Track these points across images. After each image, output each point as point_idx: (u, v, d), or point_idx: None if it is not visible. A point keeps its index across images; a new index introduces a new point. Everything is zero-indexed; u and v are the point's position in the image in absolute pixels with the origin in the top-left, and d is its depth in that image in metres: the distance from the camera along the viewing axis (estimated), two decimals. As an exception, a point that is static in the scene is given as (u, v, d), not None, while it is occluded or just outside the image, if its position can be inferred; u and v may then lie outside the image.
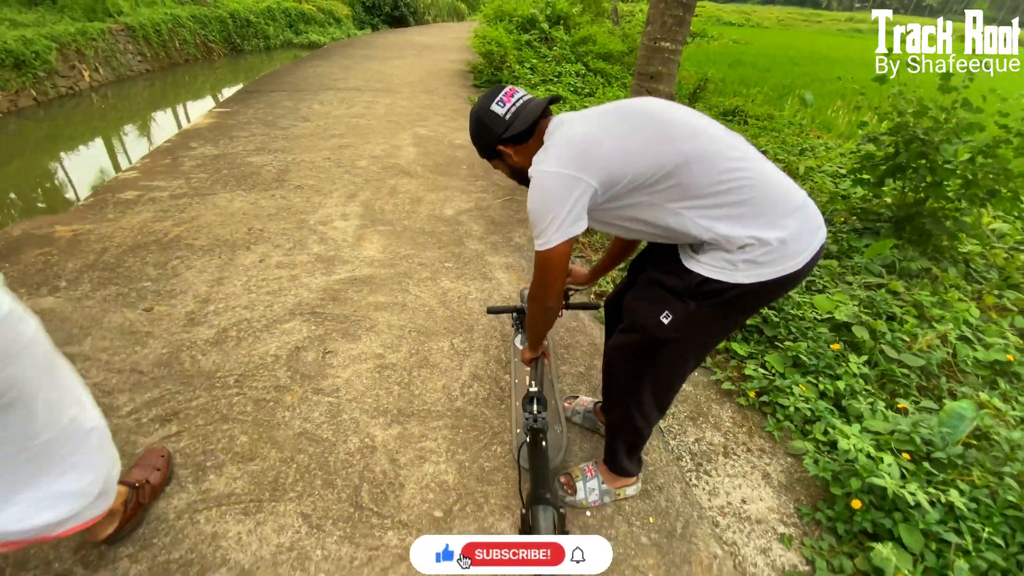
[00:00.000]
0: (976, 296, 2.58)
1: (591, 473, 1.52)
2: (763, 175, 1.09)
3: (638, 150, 1.08)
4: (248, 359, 1.95)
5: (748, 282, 1.06)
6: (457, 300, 2.40)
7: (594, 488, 1.49)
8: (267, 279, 2.45)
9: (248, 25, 12.01)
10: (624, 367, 1.27)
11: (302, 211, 3.17)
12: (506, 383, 1.92)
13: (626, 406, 1.31)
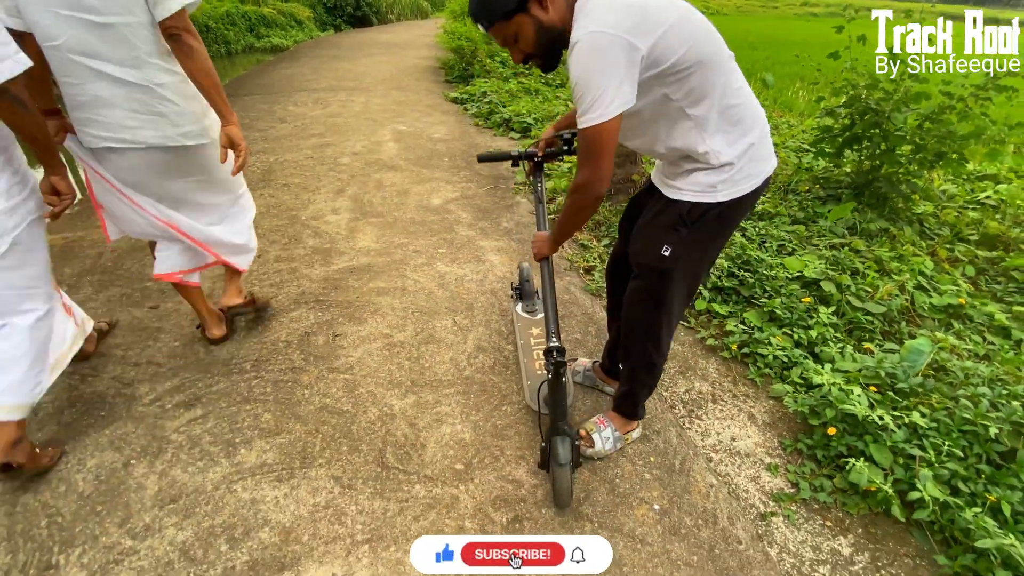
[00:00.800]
0: (930, 251, 2.82)
1: (603, 424, 1.63)
2: (753, 100, 1.25)
3: (677, 24, 1.05)
4: (261, 346, 2.03)
5: (727, 200, 1.23)
6: (455, 282, 2.52)
7: (608, 436, 1.62)
8: (268, 273, 2.53)
9: (207, 31, 11.77)
10: (643, 309, 1.40)
11: (292, 208, 3.23)
12: (510, 352, 2.05)
13: (645, 347, 1.45)
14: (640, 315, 1.43)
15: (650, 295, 1.37)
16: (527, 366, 1.88)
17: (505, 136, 5.06)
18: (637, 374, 1.54)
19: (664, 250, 1.28)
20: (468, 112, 5.79)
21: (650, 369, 1.52)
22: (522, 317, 2.12)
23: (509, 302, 2.39)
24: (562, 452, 1.38)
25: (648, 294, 1.37)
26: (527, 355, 1.92)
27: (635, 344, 1.48)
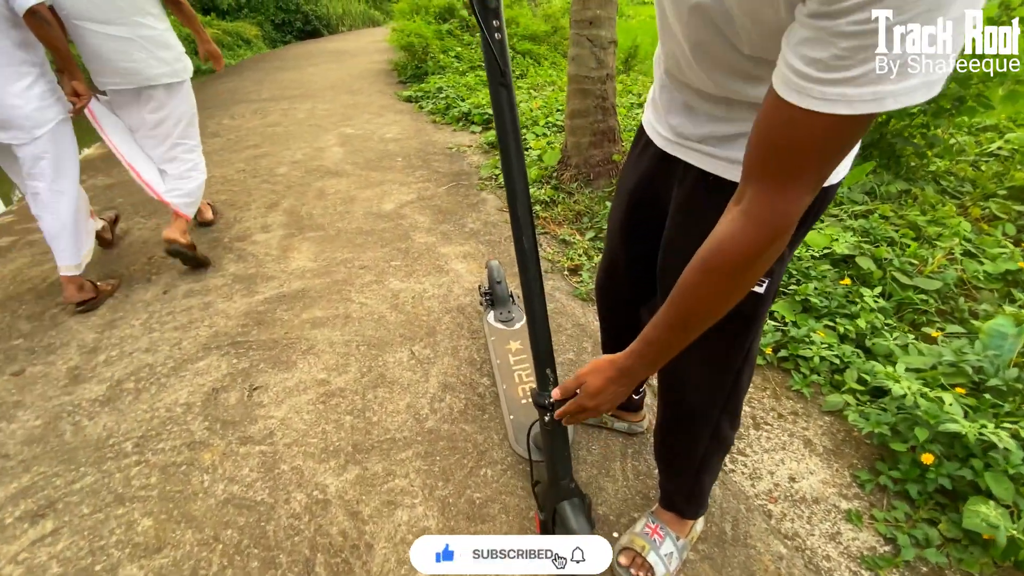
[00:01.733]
0: (961, 210, 2.44)
1: (658, 535, 1.10)
2: None
3: None
4: (151, 415, 1.51)
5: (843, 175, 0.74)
6: (411, 301, 2.03)
7: (672, 551, 1.09)
8: (173, 312, 2.00)
9: (145, 53, 11.07)
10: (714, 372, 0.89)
11: (214, 230, 2.70)
12: (485, 388, 1.57)
13: (719, 425, 0.94)
14: (708, 383, 0.91)
15: (726, 350, 0.85)
16: (508, 395, 1.41)
17: (465, 130, 4.59)
18: (708, 461, 1.01)
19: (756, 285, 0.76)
20: (423, 109, 5.30)
21: (725, 449, 1.01)
22: (496, 329, 1.66)
23: (479, 313, 1.92)
24: (575, 524, 0.92)
25: (722, 349, 0.85)
26: (507, 379, 1.47)
27: (703, 426, 0.95)
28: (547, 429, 0.94)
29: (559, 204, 2.76)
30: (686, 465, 1.02)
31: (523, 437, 1.27)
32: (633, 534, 1.11)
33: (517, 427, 1.30)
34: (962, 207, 2.48)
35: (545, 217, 2.70)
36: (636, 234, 0.98)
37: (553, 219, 2.69)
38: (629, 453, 1.36)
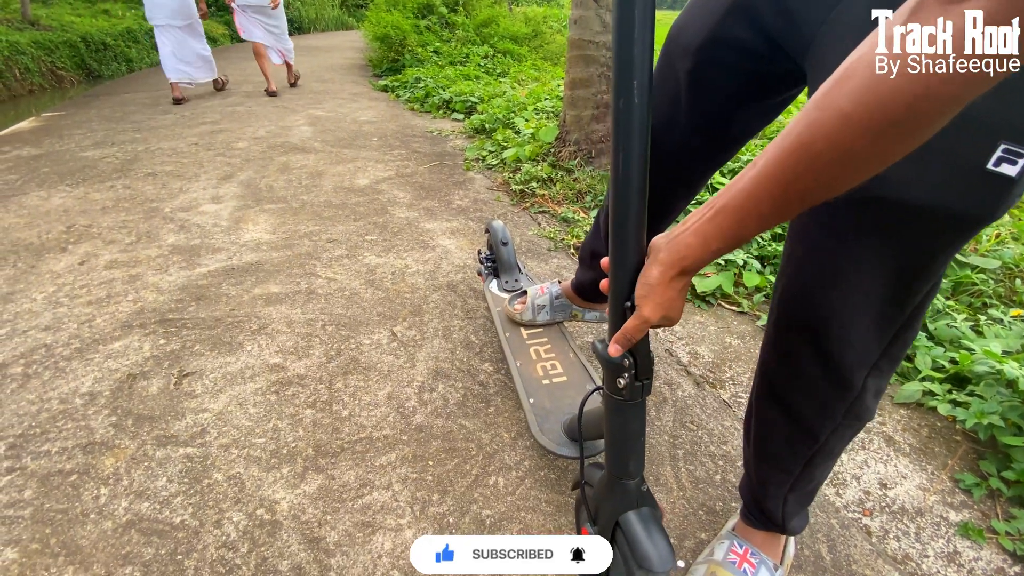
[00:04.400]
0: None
1: (749, 561, 0.80)
2: None
3: None
4: (38, 407, 1.12)
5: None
6: (391, 276, 1.69)
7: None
8: (88, 285, 1.60)
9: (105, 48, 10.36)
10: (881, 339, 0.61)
11: (154, 199, 2.29)
12: (487, 374, 1.24)
13: (866, 379, 0.63)
14: (864, 344, 0.61)
15: (905, 279, 0.54)
16: (524, 374, 1.10)
17: (447, 118, 4.28)
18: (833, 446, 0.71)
19: (1002, 155, 0.45)
20: (400, 98, 4.98)
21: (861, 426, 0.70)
22: (502, 300, 1.36)
23: (480, 294, 1.60)
24: (651, 546, 0.61)
25: (901, 276, 0.54)
26: (520, 355, 1.16)
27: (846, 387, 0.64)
28: (619, 402, 0.62)
29: (557, 183, 2.48)
30: (802, 453, 0.71)
31: (551, 427, 0.95)
32: (714, 563, 0.80)
33: (541, 413, 0.98)
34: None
35: (543, 195, 2.41)
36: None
37: (552, 197, 2.40)
38: (680, 455, 1.05)
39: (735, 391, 1.27)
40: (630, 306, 0.56)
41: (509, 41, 7.41)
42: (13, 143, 3.35)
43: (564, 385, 1.05)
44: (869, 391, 0.64)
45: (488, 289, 1.39)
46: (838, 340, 0.60)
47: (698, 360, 1.37)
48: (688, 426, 1.14)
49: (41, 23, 9.97)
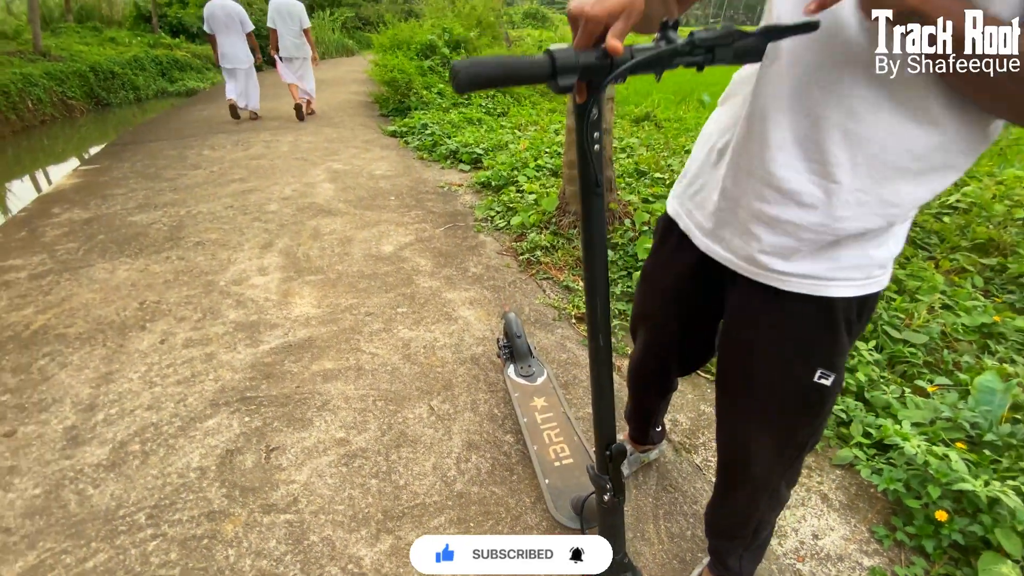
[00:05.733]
0: (932, 263, 2.63)
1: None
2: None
3: None
4: (163, 481, 1.44)
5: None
6: (424, 351, 2.02)
7: None
8: (174, 364, 1.93)
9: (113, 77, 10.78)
10: (781, 457, 0.93)
11: (208, 271, 2.63)
12: (510, 446, 1.57)
13: (777, 486, 0.97)
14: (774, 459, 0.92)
15: (784, 439, 0.89)
16: (540, 457, 1.42)
17: (454, 168, 4.65)
18: (766, 519, 1.05)
19: (820, 378, 0.79)
20: (409, 145, 5.35)
21: (782, 506, 1.05)
22: (519, 384, 1.68)
23: (499, 367, 1.93)
24: None
25: (779, 439, 0.89)
26: (536, 439, 1.48)
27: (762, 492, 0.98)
28: (604, 507, 0.95)
29: (559, 249, 2.82)
30: (744, 528, 1.04)
31: (563, 504, 1.28)
32: None
33: (554, 493, 1.30)
34: (932, 259, 2.68)
35: (546, 262, 2.76)
36: (685, 321, 1.03)
37: (554, 264, 2.75)
38: (661, 514, 1.38)
39: (706, 455, 1.60)
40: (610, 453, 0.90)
41: (508, 81, 7.79)
42: (61, 204, 3.69)
43: (571, 467, 1.38)
44: (783, 487, 0.98)
45: (507, 375, 1.71)
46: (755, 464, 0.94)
47: (677, 427, 1.70)
48: (668, 488, 1.46)
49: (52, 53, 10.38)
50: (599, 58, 0.57)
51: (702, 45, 0.58)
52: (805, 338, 0.79)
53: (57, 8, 14.62)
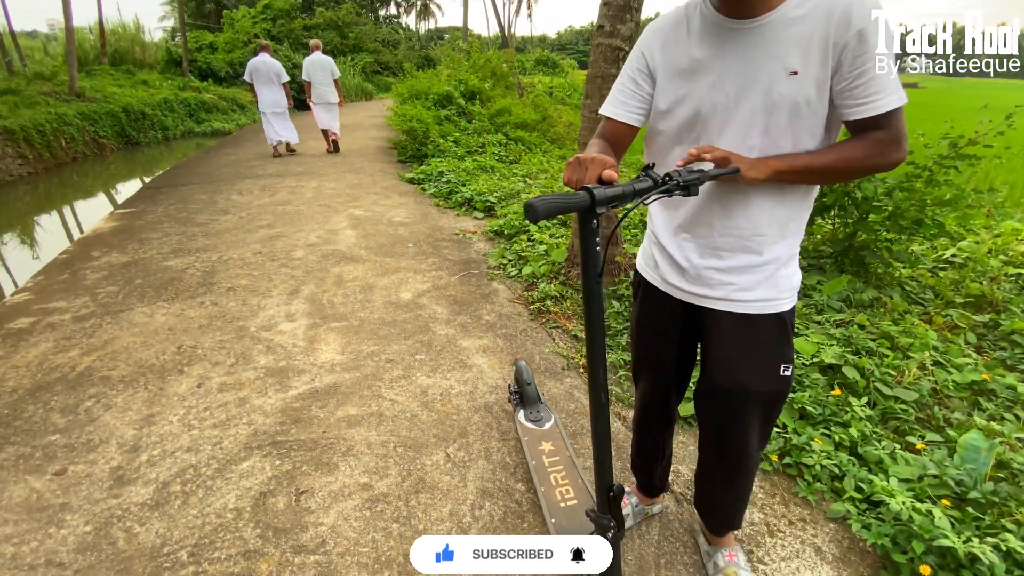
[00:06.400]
0: (926, 319, 2.74)
1: (732, 555, 1.44)
2: None
3: None
4: (202, 520, 1.57)
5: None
6: (440, 398, 2.16)
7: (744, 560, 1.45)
8: (210, 407, 2.08)
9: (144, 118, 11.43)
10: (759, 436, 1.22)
11: (239, 317, 2.81)
12: (521, 494, 1.68)
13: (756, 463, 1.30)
14: (755, 443, 1.23)
15: (766, 420, 1.21)
16: (547, 498, 1.53)
17: (468, 215, 4.89)
18: (748, 488, 1.36)
19: (784, 370, 1.12)
20: (426, 192, 5.62)
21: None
22: (528, 429, 1.81)
23: (510, 415, 2.05)
24: None
25: (763, 421, 1.20)
26: (544, 482, 1.59)
27: (755, 462, 1.29)
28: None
29: (567, 299, 2.98)
30: (746, 489, 1.35)
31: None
32: (722, 570, 1.40)
33: (560, 531, 1.41)
34: (927, 315, 2.79)
35: (556, 311, 2.91)
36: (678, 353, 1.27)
37: (563, 313, 2.90)
38: (663, 563, 1.48)
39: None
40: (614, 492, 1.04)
41: (520, 129, 8.18)
42: (100, 247, 3.94)
43: (576, 507, 1.49)
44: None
45: (518, 420, 1.84)
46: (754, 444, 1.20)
47: (679, 479, 1.80)
48: (669, 539, 1.56)
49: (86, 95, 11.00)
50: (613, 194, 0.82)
51: (678, 182, 0.88)
52: (773, 343, 1.11)
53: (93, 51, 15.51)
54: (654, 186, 0.87)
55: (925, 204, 2.85)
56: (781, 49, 0.91)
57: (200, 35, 18.74)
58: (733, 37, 0.95)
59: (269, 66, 6.92)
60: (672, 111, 1.04)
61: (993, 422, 1.95)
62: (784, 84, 0.92)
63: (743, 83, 0.95)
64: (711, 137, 1.02)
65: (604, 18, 2.72)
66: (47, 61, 14.65)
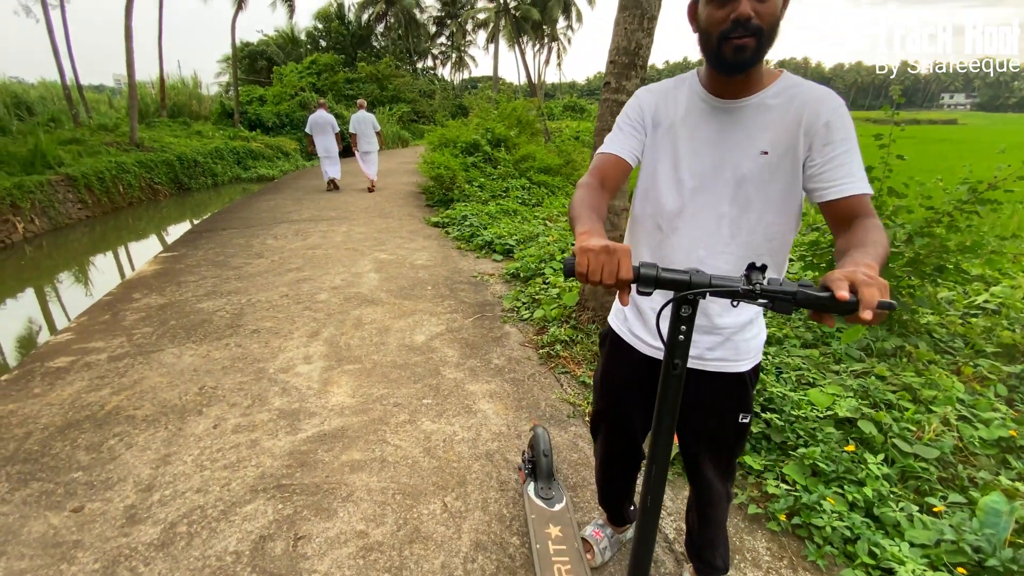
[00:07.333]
0: (954, 369, 2.62)
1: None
2: None
3: None
4: (202, 563, 1.62)
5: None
6: (443, 445, 2.18)
7: None
8: (223, 448, 2.16)
9: (196, 165, 12.28)
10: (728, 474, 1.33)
11: (260, 359, 2.93)
12: (515, 548, 1.67)
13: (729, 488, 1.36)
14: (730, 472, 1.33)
15: (728, 458, 1.31)
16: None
17: (487, 258, 5.00)
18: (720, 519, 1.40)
19: (743, 418, 1.22)
20: (449, 236, 5.80)
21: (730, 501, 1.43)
22: (537, 507, 1.64)
23: (512, 465, 2.05)
24: None
25: (726, 458, 1.30)
26: (546, 570, 1.43)
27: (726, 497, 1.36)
28: None
29: (578, 344, 2.99)
30: (722, 525, 1.39)
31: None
32: None
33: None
34: (954, 364, 2.66)
35: (565, 356, 2.92)
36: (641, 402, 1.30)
37: (572, 358, 2.90)
38: None
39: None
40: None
41: (544, 174, 8.39)
42: (141, 289, 4.21)
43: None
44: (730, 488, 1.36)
45: (527, 493, 1.70)
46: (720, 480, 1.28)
47: (683, 535, 1.74)
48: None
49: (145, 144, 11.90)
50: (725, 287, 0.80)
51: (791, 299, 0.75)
52: (731, 397, 1.20)
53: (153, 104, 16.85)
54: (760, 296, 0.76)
55: (946, 250, 2.77)
56: (756, 131, 1.01)
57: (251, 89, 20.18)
58: (716, 115, 1.05)
59: (326, 119, 8.66)
60: (655, 168, 1.12)
61: (1020, 482, 1.83)
62: (754, 160, 1.01)
63: (720, 155, 1.04)
64: (684, 201, 1.08)
65: (611, 75, 2.84)
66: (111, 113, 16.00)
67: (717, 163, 1.04)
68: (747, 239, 1.05)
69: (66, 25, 12.82)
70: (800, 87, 1.00)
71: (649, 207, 1.14)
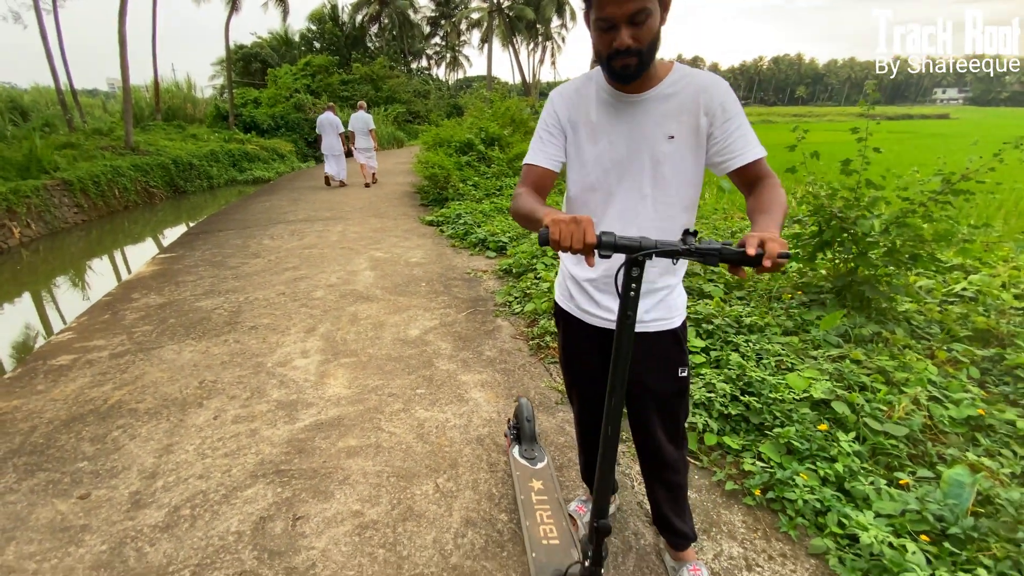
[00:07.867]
0: (928, 353, 2.71)
1: (697, 570, 1.52)
2: None
3: None
4: (206, 542, 1.70)
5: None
6: (435, 431, 2.27)
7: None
8: (223, 438, 2.24)
9: (191, 168, 12.31)
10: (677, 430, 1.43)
11: (258, 354, 3.01)
12: (503, 524, 1.76)
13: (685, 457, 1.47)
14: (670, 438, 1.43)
15: (674, 415, 1.41)
16: (531, 533, 1.58)
17: (481, 255, 5.09)
18: (681, 483, 1.49)
19: (681, 372, 1.34)
20: (444, 234, 5.88)
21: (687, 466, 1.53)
22: (521, 465, 1.85)
23: (501, 448, 2.13)
24: None
25: (672, 416, 1.41)
26: (529, 516, 1.63)
27: (683, 462, 1.47)
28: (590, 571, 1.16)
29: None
30: (684, 491, 1.50)
31: (546, 575, 1.44)
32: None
33: (539, 567, 1.46)
34: (930, 349, 2.76)
35: (554, 347, 3.00)
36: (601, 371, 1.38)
37: (562, 350, 2.99)
38: None
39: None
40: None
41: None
42: (140, 289, 4.28)
43: (557, 547, 1.54)
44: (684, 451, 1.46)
45: (512, 454, 1.89)
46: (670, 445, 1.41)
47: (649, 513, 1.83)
48: (644, 570, 1.60)
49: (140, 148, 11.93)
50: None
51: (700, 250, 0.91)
52: (668, 353, 1.33)
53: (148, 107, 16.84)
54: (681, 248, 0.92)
55: (922, 239, 2.87)
56: (661, 118, 1.15)
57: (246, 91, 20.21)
58: (624, 108, 1.17)
59: (332, 121, 9.64)
60: (581, 162, 1.24)
61: (987, 458, 1.92)
62: (665, 145, 1.15)
63: (634, 144, 1.17)
64: (611, 186, 1.21)
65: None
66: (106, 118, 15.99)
67: (633, 151, 1.17)
68: (667, 212, 1.20)
69: (59, 29, 12.83)
70: (692, 76, 1.15)
71: (582, 195, 1.26)
